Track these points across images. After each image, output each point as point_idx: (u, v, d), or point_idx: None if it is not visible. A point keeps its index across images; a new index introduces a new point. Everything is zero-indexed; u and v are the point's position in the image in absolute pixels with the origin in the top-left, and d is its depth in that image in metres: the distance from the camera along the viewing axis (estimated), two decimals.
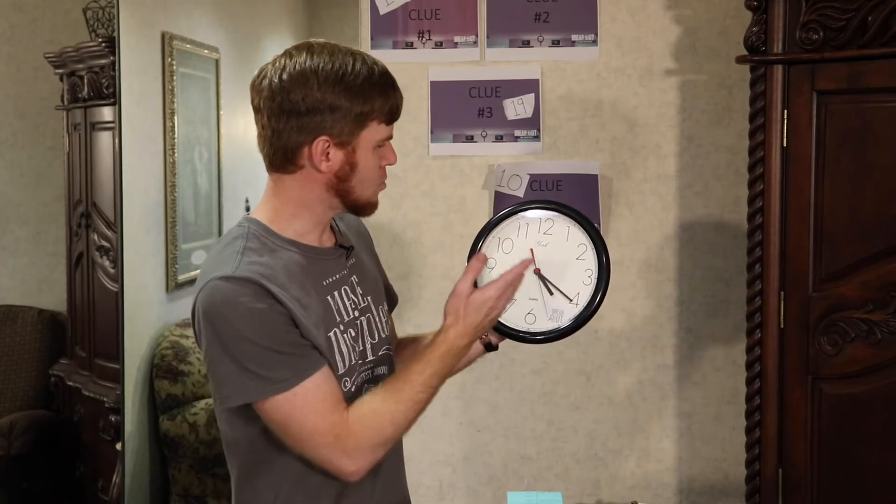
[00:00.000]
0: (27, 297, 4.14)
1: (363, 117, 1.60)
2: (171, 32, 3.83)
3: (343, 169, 1.62)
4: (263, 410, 1.57)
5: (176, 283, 3.93)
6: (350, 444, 1.56)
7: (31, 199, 4.15)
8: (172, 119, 3.84)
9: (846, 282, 2.26)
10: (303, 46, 1.62)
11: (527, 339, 1.78)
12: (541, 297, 1.76)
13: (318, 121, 1.58)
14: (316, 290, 1.63)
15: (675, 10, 2.77)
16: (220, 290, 1.54)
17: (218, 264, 1.58)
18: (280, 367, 1.54)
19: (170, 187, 3.85)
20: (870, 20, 2.19)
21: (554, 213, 1.78)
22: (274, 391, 1.54)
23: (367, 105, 1.59)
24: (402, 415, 1.61)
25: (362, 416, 1.58)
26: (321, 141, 1.59)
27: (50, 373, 4.04)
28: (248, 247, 1.60)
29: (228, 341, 1.54)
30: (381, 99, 1.61)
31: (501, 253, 1.77)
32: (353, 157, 1.62)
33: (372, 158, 1.64)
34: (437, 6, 2.79)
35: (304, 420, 1.56)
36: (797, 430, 2.32)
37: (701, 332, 2.84)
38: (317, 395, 1.55)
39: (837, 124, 2.26)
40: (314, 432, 1.56)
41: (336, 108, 1.58)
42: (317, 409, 1.55)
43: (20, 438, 3.87)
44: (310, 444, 1.57)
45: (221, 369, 1.56)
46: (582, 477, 2.88)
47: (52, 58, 3.89)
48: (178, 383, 3.73)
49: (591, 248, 1.76)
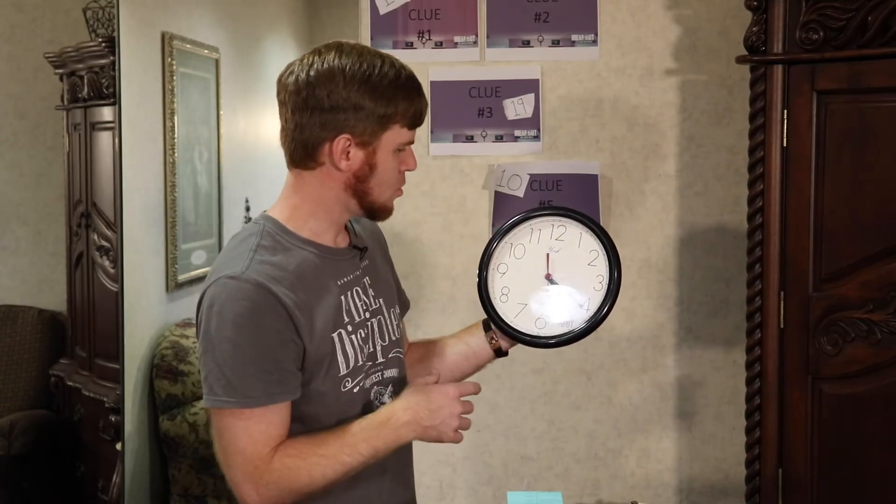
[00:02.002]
0: (27, 297, 4.14)
1: (386, 119, 1.60)
2: (171, 32, 3.83)
3: (362, 169, 1.62)
4: (213, 410, 1.59)
5: (176, 283, 3.93)
6: (263, 480, 1.57)
7: (31, 199, 4.15)
8: (172, 119, 3.84)
9: (846, 282, 2.26)
10: (332, 45, 1.63)
11: (538, 344, 1.78)
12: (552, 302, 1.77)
13: (342, 119, 1.59)
14: (328, 289, 1.64)
15: (676, 10, 2.77)
16: (225, 289, 1.55)
17: (229, 262, 1.59)
18: (254, 382, 1.55)
19: (170, 187, 3.85)
20: (870, 20, 2.19)
21: (566, 219, 1.79)
22: (238, 404, 1.55)
23: (391, 107, 1.60)
24: (320, 470, 1.57)
25: (285, 458, 1.57)
26: (343, 139, 1.60)
27: (50, 373, 4.05)
28: (261, 245, 1.61)
29: (216, 341, 1.55)
30: (405, 102, 1.61)
31: (514, 258, 1.78)
32: (373, 158, 1.62)
33: (391, 161, 1.64)
34: (437, 6, 2.79)
35: (238, 439, 1.57)
36: (797, 430, 2.32)
37: (701, 332, 2.84)
38: (260, 423, 1.56)
39: (837, 124, 2.26)
40: (239, 454, 1.57)
41: (360, 107, 1.58)
42: (254, 436, 1.56)
43: (20, 438, 3.87)
44: (230, 461, 1.59)
45: (204, 366, 1.59)
46: (582, 477, 2.88)
47: (52, 58, 3.89)
48: (178, 383, 3.73)
49: (603, 255, 1.76)
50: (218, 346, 1.55)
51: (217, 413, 1.58)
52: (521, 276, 1.78)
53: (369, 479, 1.68)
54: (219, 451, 1.61)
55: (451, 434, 1.62)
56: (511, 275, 1.75)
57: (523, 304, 1.76)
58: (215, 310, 1.55)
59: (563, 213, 1.79)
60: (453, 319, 2.80)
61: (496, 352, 1.82)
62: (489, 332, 1.81)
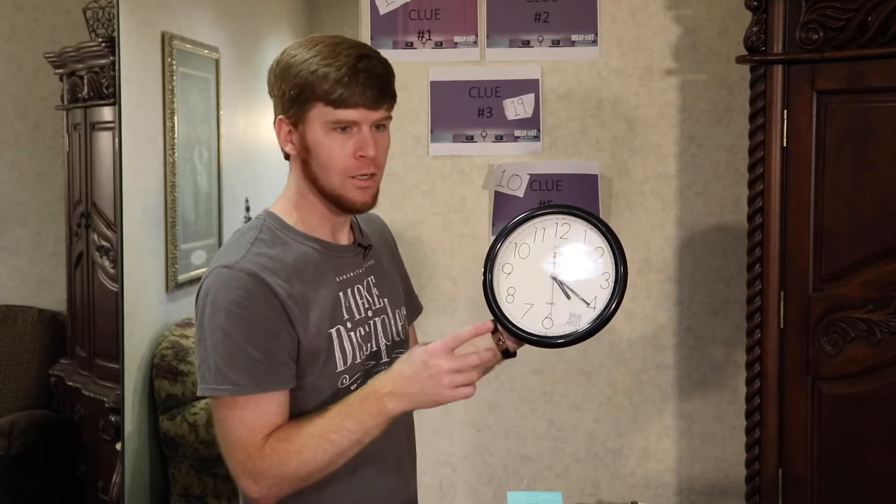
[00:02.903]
0: (27, 297, 4.14)
1: (302, 98, 1.61)
2: (171, 32, 3.83)
3: (301, 152, 1.65)
4: (212, 401, 1.61)
5: (176, 283, 3.93)
6: (258, 468, 1.57)
7: (32, 199, 4.15)
8: (172, 119, 3.84)
9: (846, 282, 2.26)
10: (306, 39, 1.67)
11: (546, 344, 1.77)
12: (558, 301, 1.76)
13: (276, 103, 1.66)
14: (326, 284, 1.65)
15: (676, 10, 2.77)
16: (220, 278, 1.58)
17: (227, 253, 1.62)
18: (243, 370, 1.56)
19: (170, 187, 3.85)
20: (870, 20, 2.19)
21: (571, 216, 1.78)
22: (227, 392, 1.57)
23: (307, 87, 1.60)
24: (310, 451, 1.56)
25: (275, 443, 1.57)
26: (279, 121, 1.66)
27: (50, 373, 4.05)
28: (259, 238, 1.63)
29: (209, 329, 1.57)
30: (319, 80, 1.60)
31: (518, 258, 1.77)
32: (304, 138, 1.63)
33: (325, 140, 1.62)
34: (437, 6, 2.79)
35: (234, 427, 1.58)
36: (797, 430, 2.32)
37: (701, 332, 2.84)
38: (255, 411, 1.57)
39: (837, 124, 2.26)
40: (234, 443, 1.58)
41: (281, 89, 1.63)
42: (248, 424, 1.57)
43: (20, 438, 3.87)
44: (229, 451, 1.60)
45: (198, 354, 1.61)
46: (582, 477, 2.88)
47: (52, 58, 3.89)
48: (178, 383, 3.73)
49: (609, 252, 1.76)
50: (210, 333, 1.57)
51: (216, 403, 1.60)
52: (526, 276, 1.77)
53: (371, 479, 1.68)
54: (220, 442, 1.62)
55: (448, 393, 1.54)
56: (516, 275, 1.75)
57: (530, 304, 1.75)
58: (209, 299, 1.58)
59: (567, 210, 1.79)
60: (453, 319, 2.81)
61: (504, 353, 1.81)
62: (496, 334, 1.81)
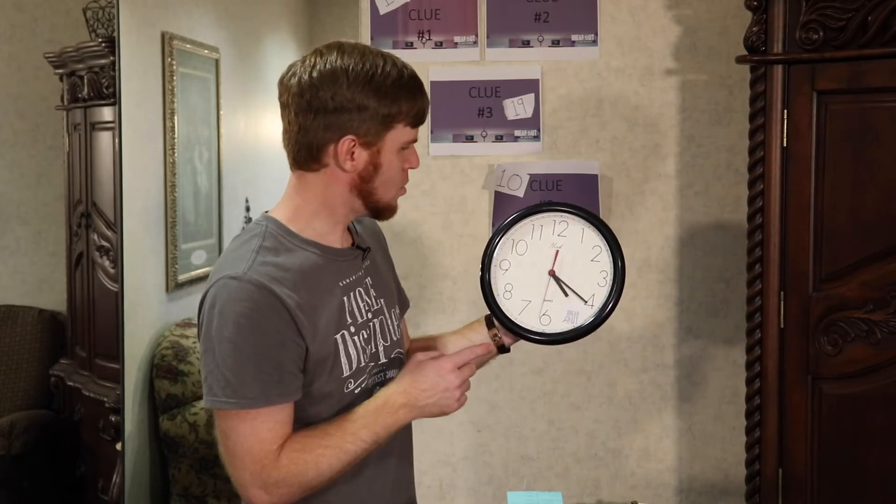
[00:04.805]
0: (27, 297, 4.15)
1: (390, 119, 1.60)
2: (171, 32, 3.83)
3: (367, 169, 1.62)
4: (216, 411, 1.58)
5: (176, 283, 3.93)
6: (272, 479, 1.56)
7: (32, 199, 4.16)
8: (172, 119, 3.84)
9: (846, 282, 2.26)
10: (333, 45, 1.63)
11: (543, 341, 1.77)
12: (556, 298, 1.76)
13: (346, 119, 1.59)
14: (331, 291, 1.64)
15: (676, 10, 2.77)
16: (227, 289, 1.55)
17: (232, 262, 1.59)
18: (253, 383, 1.54)
19: (170, 187, 3.85)
20: (870, 20, 2.19)
21: (568, 214, 1.78)
22: (237, 405, 1.55)
23: (395, 107, 1.60)
24: (326, 461, 1.58)
25: (291, 453, 1.57)
26: (347, 140, 1.60)
27: (50, 373, 4.05)
28: (264, 246, 1.61)
29: (217, 341, 1.55)
30: (408, 102, 1.61)
31: (516, 255, 1.77)
32: (377, 157, 1.62)
33: (396, 160, 1.64)
34: (437, 6, 2.79)
35: (245, 439, 1.56)
36: (797, 430, 2.32)
37: (701, 332, 2.84)
38: (267, 422, 1.56)
39: (837, 124, 2.26)
40: (246, 454, 1.56)
41: (364, 107, 1.58)
42: (261, 435, 1.56)
43: (20, 438, 3.87)
44: (237, 463, 1.58)
45: (205, 366, 1.58)
46: (582, 477, 2.88)
47: (52, 58, 3.89)
48: (178, 383, 3.74)
49: (606, 250, 1.76)
50: (218, 346, 1.55)
51: (221, 414, 1.57)
52: (524, 273, 1.77)
53: (371, 479, 1.68)
54: (224, 453, 1.60)
55: (453, 405, 1.66)
56: (514, 271, 1.75)
57: (527, 301, 1.75)
58: (216, 310, 1.55)
59: (564, 209, 1.79)
60: (453, 319, 2.80)
61: (499, 348, 1.81)
62: (492, 329, 1.81)
